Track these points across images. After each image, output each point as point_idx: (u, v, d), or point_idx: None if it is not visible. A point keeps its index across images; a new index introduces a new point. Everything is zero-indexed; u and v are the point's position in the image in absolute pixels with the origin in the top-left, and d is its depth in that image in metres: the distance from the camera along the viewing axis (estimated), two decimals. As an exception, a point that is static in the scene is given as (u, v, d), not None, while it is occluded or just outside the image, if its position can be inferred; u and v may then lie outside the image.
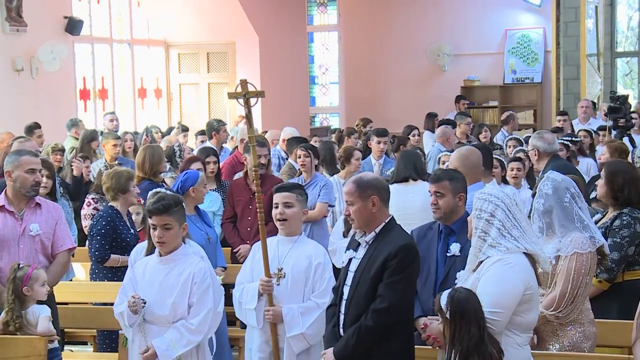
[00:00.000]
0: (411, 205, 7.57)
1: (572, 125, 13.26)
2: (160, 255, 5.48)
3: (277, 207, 5.77)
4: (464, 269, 4.94)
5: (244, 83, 5.82)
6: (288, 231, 5.80)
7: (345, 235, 7.68)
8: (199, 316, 5.34)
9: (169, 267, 5.43)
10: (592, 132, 11.45)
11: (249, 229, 8.31)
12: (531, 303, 4.63)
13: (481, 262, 4.67)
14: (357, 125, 14.05)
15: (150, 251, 5.70)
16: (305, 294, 5.67)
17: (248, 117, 5.94)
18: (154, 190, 6.08)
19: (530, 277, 4.63)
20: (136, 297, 5.33)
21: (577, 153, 10.06)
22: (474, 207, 4.78)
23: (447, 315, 4.38)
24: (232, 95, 5.92)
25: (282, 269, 5.71)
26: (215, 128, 11.66)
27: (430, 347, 4.85)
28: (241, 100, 5.82)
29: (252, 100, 5.84)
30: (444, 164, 8.69)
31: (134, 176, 7.55)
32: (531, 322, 4.70)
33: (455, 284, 4.83)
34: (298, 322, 5.62)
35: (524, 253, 4.64)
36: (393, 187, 6.82)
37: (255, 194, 5.96)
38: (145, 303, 5.34)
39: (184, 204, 5.67)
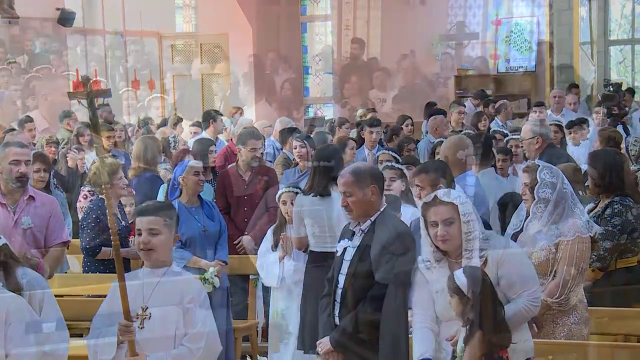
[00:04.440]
0: (329, 216, 6.64)
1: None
2: None
3: (140, 235, 4.65)
4: None
5: (86, 80, 4.64)
6: (154, 263, 4.68)
7: (273, 248, 7.19)
8: None
9: None
10: (562, 126, 10.24)
11: (245, 219, 8.19)
12: None
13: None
14: (360, 116, 13.89)
15: None
16: (177, 338, 4.60)
17: (93, 122, 4.87)
18: None
19: None
20: None
21: None
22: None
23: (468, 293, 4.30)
24: (72, 95, 4.95)
25: (147, 308, 4.61)
26: (212, 116, 11.65)
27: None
28: (84, 102, 4.59)
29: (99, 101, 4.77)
30: (381, 163, 7.85)
31: (118, 168, 7.42)
32: None
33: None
34: None
35: None
36: (307, 199, 6.66)
37: (110, 216, 4.85)
38: None
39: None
